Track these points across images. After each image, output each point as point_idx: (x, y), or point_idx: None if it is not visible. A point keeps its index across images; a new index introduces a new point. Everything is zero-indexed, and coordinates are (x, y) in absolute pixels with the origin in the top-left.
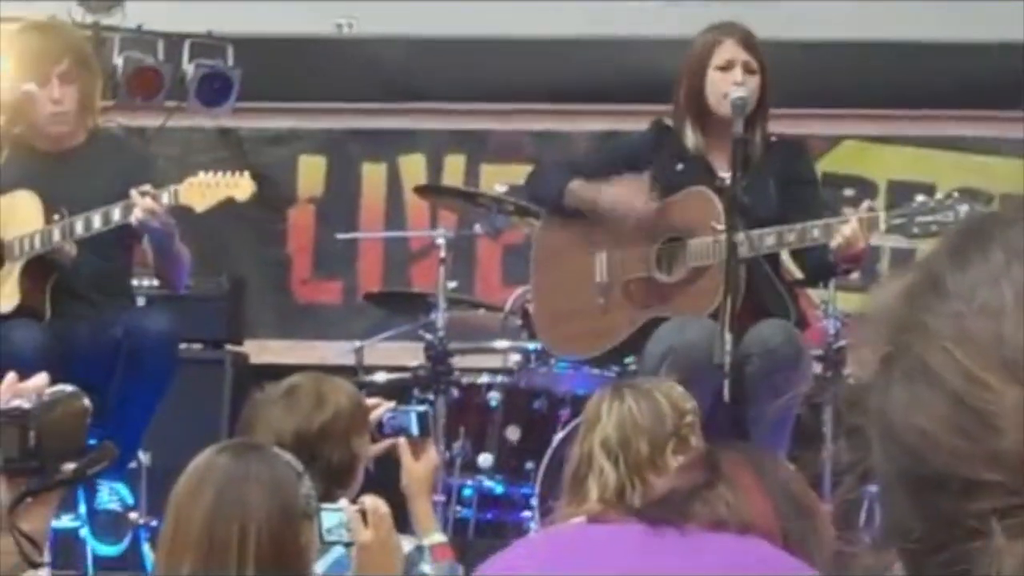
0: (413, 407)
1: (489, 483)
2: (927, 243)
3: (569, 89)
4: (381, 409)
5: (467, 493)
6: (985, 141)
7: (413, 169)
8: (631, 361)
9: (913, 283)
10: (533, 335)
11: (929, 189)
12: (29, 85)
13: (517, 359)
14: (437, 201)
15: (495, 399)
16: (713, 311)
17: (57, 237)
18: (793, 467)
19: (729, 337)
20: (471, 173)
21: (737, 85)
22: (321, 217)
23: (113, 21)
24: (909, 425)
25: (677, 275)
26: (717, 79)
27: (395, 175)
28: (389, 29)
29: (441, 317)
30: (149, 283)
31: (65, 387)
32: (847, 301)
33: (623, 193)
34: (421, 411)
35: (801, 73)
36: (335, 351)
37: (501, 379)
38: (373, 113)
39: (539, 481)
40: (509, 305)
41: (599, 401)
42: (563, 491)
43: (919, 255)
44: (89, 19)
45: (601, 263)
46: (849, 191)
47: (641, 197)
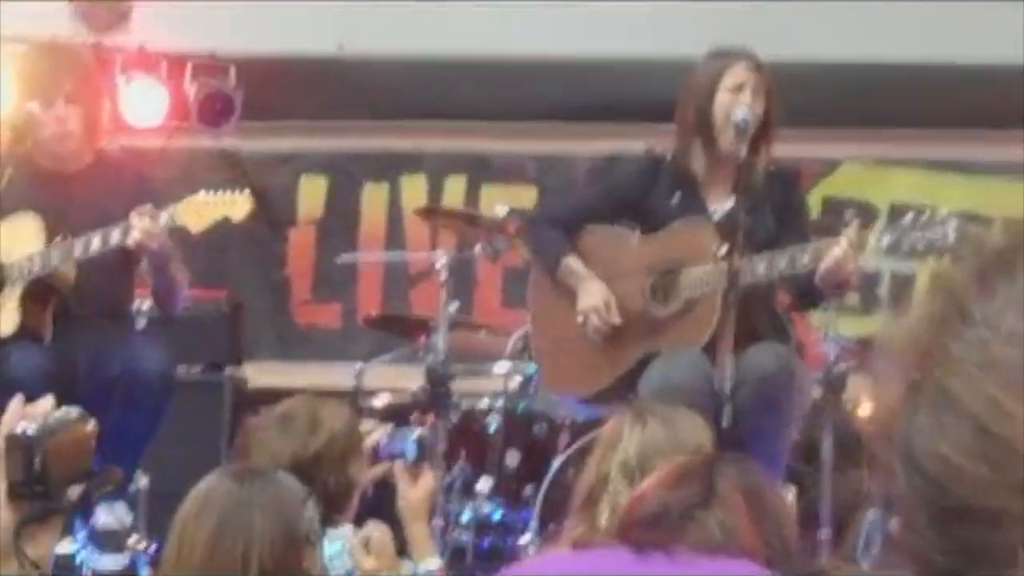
0: (410, 430)
1: (488, 508)
2: (925, 266)
3: (571, 110)
4: (377, 433)
5: (465, 518)
6: (988, 163)
7: (414, 190)
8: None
9: (937, 310)
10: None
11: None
12: (33, 104)
13: (518, 383)
14: (438, 223)
15: (494, 423)
16: (708, 340)
17: (56, 259)
18: (784, 491)
19: (731, 361)
20: (472, 194)
21: (744, 106)
22: (321, 238)
23: (115, 41)
24: (933, 453)
25: (672, 307)
26: (726, 101)
27: (396, 196)
28: (390, 49)
29: (442, 340)
30: (149, 305)
31: (71, 410)
32: (847, 325)
33: (591, 303)
34: (418, 435)
35: (801, 94)
36: (335, 373)
37: (501, 403)
38: (374, 133)
39: (538, 506)
40: (514, 339)
41: (620, 422)
42: (572, 512)
43: (919, 279)
44: (91, 39)
45: None
46: (849, 214)
47: (604, 309)
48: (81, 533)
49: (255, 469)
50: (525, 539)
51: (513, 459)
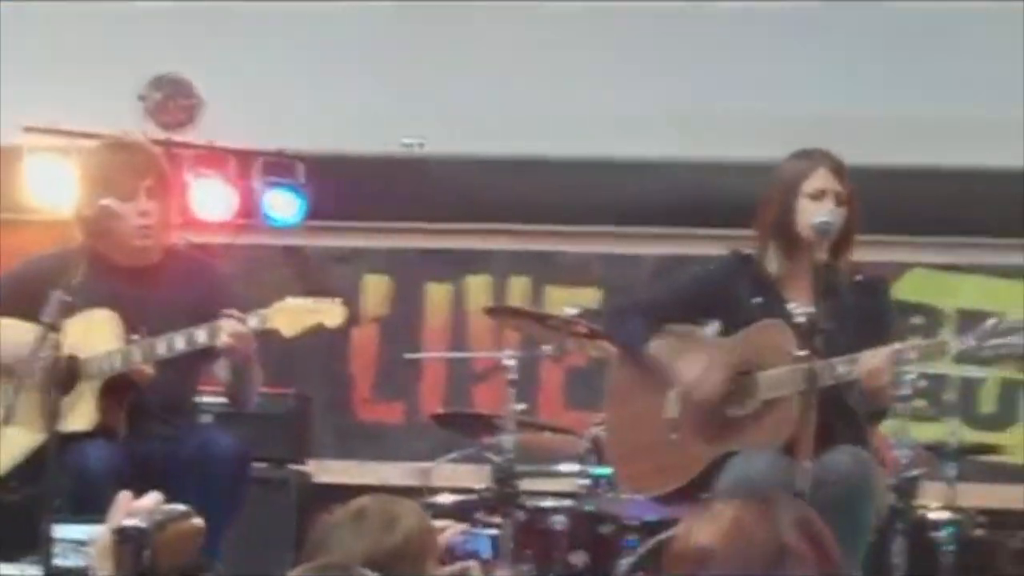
0: (485, 531)
1: None
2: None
3: (636, 211)
4: (451, 532)
5: None
6: None
7: (478, 290)
8: (706, 497)
9: None
10: (601, 460)
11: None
12: (107, 200)
13: (585, 483)
14: (506, 322)
15: (560, 523)
16: (786, 441)
17: (137, 357)
18: None
19: (809, 464)
20: (536, 294)
21: (827, 211)
22: (385, 337)
23: (185, 137)
24: None
25: (749, 408)
26: (808, 208)
27: (460, 295)
28: (457, 149)
29: (509, 439)
30: (212, 400)
31: (177, 506)
32: (919, 431)
33: (696, 373)
34: (493, 534)
35: (870, 199)
36: (398, 471)
37: (567, 503)
38: (439, 233)
39: None
40: (583, 439)
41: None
42: None
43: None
44: (161, 135)
45: (673, 399)
46: (917, 319)
47: (713, 375)
48: None
49: (336, 566)
50: None
51: (579, 559)
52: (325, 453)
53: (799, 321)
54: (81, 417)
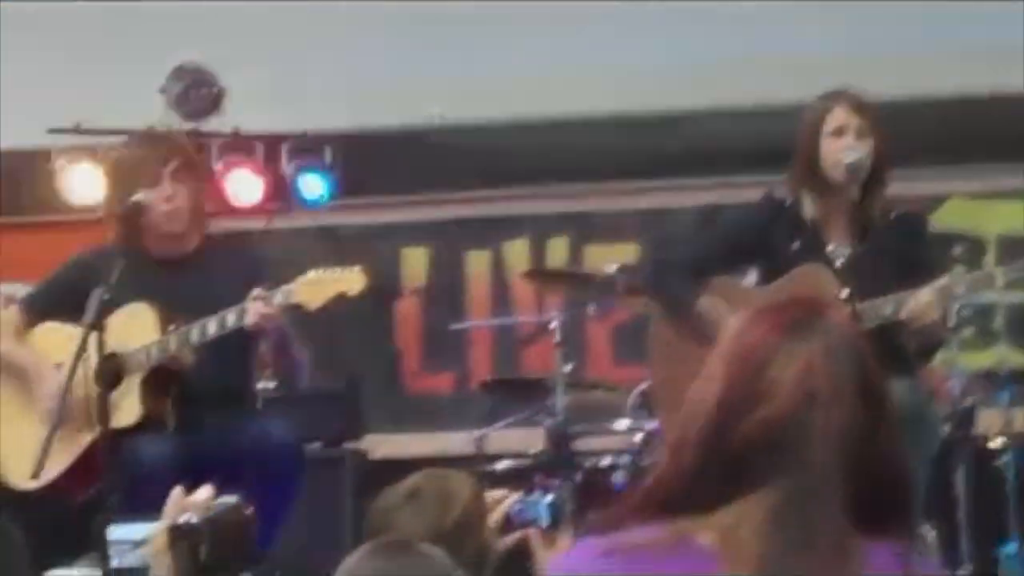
0: (542, 496)
1: None
2: None
3: (669, 164)
4: (508, 501)
5: None
6: None
7: (517, 254)
8: None
9: None
10: (652, 414)
11: None
12: (138, 195)
13: (639, 438)
14: (546, 284)
15: (619, 479)
16: None
17: (174, 346)
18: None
19: None
20: (575, 254)
21: (851, 149)
22: (428, 307)
23: (210, 126)
24: None
25: None
26: (830, 146)
27: (499, 261)
28: (482, 115)
29: (560, 400)
30: (265, 386)
31: (229, 499)
32: (969, 360)
33: None
34: (551, 501)
35: (903, 131)
36: (452, 441)
37: (625, 459)
38: (473, 201)
39: None
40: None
41: None
42: None
43: None
44: (187, 126)
45: None
46: (958, 249)
47: None
48: None
49: (402, 543)
50: None
51: None
52: (379, 429)
53: (839, 263)
54: (127, 412)
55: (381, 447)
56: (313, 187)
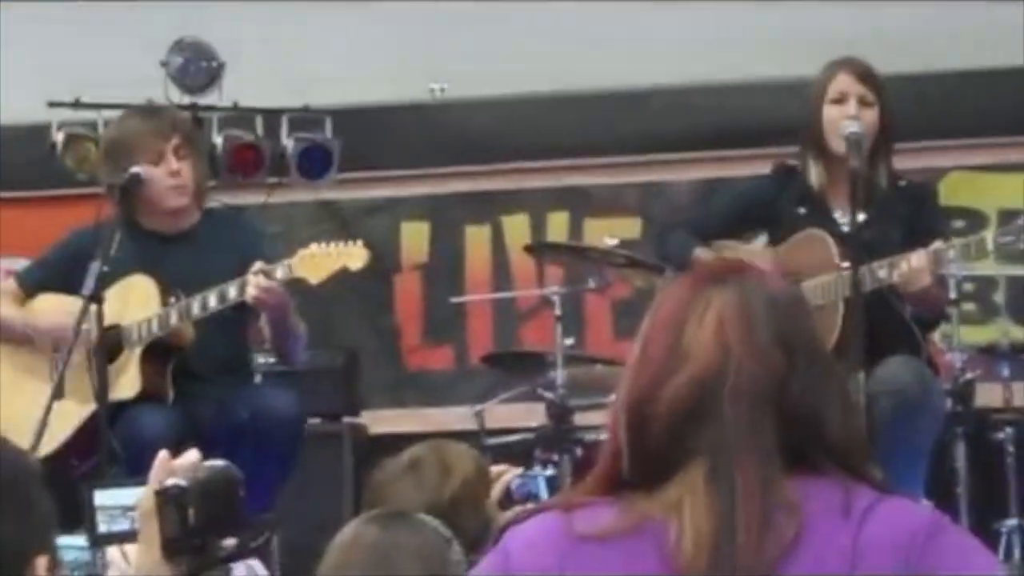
0: (542, 472)
1: None
2: None
3: (670, 138)
4: (509, 475)
5: None
6: None
7: (517, 229)
8: None
9: None
10: None
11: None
12: (137, 168)
13: None
14: (545, 259)
15: None
16: (832, 348)
17: (174, 319)
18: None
19: (861, 375)
20: (575, 229)
21: (851, 119)
22: (427, 283)
23: (210, 101)
24: None
25: None
26: (832, 113)
27: (499, 236)
28: (483, 91)
29: (560, 375)
30: (265, 360)
31: (216, 462)
32: (969, 334)
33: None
34: (550, 475)
35: (905, 106)
36: (452, 417)
37: None
38: (473, 176)
39: None
40: None
41: None
42: None
43: None
44: (187, 100)
45: None
46: (959, 223)
47: None
48: None
49: (398, 514)
50: None
51: None
52: (378, 404)
53: (843, 230)
54: (125, 385)
55: (380, 423)
56: (313, 162)
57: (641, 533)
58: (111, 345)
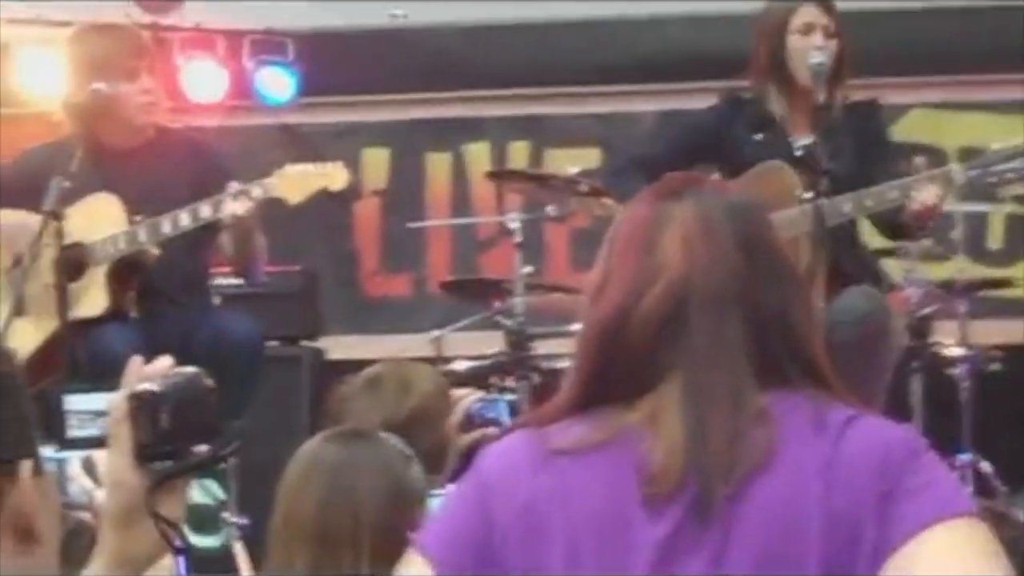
0: (501, 396)
1: None
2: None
3: (632, 68)
4: (470, 399)
5: None
6: None
7: (477, 157)
8: None
9: None
10: None
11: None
12: (99, 84)
13: None
14: (506, 186)
15: None
16: None
17: (143, 237)
18: None
19: (822, 306)
20: (536, 159)
21: (818, 50)
22: (387, 209)
23: (171, 20)
24: None
25: None
26: (798, 43)
27: (460, 164)
28: (444, 17)
29: (519, 303)
30: (224, 281)
31: (188, 368)
32: (928, 270)
33: None
34: (511, 399)
35: (865, 42)
36: (410, 343)
37: None
38: (435, 103)
39: None
40: None
41: None
42: None
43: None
44: (147, 19)
45: None
46: (919, 158)
47: None
48: None
49: (358, 432)
50: None
51: None
52: (336, 330)
53: (801, 155)
54: (91, 302)
55: (338, 348)
56: (275, 85)
57: (615, 445)
58: (74, 262)
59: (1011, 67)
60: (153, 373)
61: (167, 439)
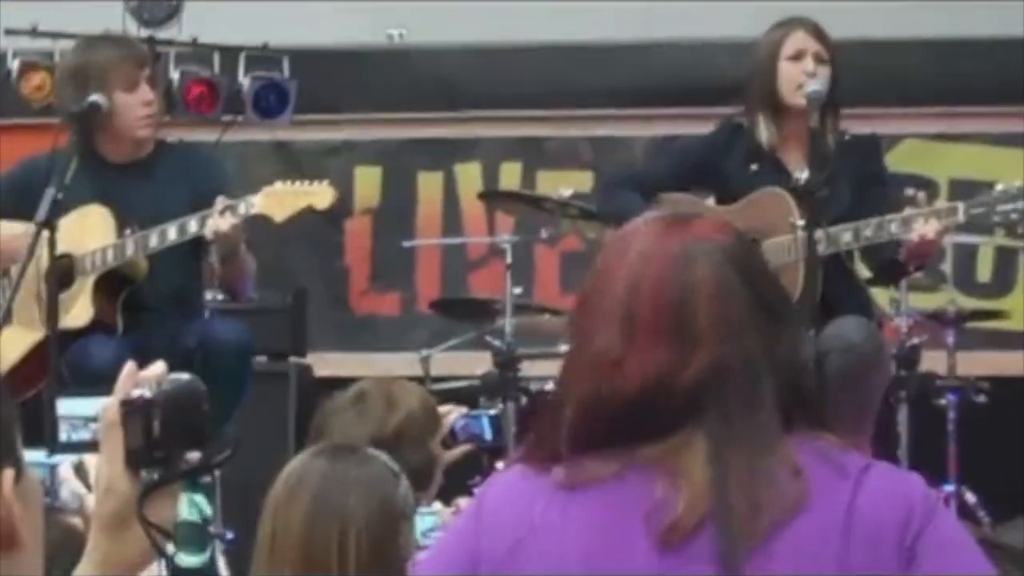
0: (485, 412)
1: None
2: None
3: (626, 94)
4: (454, 415)
5: None
6: None
7: (469, 177)
8: None
9: None
10: None
11: (991, 187)
12: (96, 96)
13: None
14: (499, 207)
15: None
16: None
17: (131, 251)
18: None
19: (811, 333)
20: (528, 180)
21: (809, 76)
22: (378, 228)
23: (168, 35)
24: None
25: None
26: (789, 70)
27: (451, 184)
28: (442, 38)
29: (509, 323)
30: (214, 296)
31: (182, 375)
32: (917, 300)
33: None
34: (493, 415)
35: (860, 72)
36: (398, 362)
37: None
38: (428, 123)
39: None
40: None
41: None
42: None
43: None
44: (144, 33)
45: None
46: (910, 190)
47: None
48: None
49: (346, 447)
50: None
51: None
52: (324, 347)
53: (798, 186)
54: (78, 314)
55: (325, 365)
56: (269, 101)
57: (624, 481)
58: (62, 273)
59: (1004, 100)
60: (146, 379)
61: (159, 445)
